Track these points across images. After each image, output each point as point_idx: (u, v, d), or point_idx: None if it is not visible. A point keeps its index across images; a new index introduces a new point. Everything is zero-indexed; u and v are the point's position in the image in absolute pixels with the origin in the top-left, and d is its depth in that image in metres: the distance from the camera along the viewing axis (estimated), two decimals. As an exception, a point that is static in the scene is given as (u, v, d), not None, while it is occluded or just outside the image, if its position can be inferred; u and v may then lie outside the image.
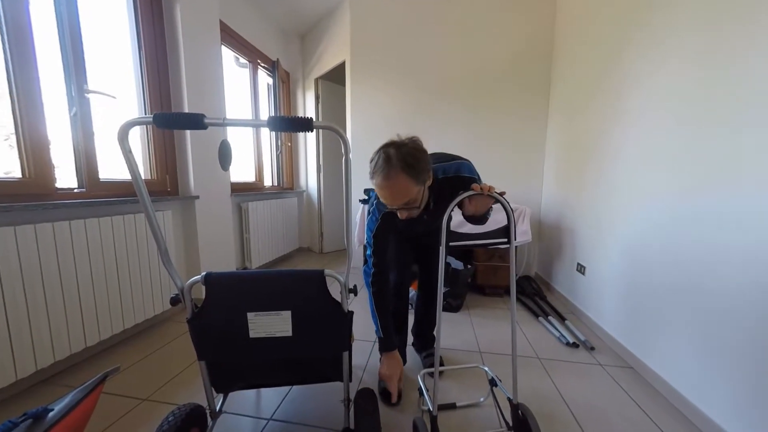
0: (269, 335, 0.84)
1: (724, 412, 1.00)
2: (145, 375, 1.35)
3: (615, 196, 1.64)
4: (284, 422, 1.10)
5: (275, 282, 0.80)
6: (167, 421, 0.82)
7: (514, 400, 1.00)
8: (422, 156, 0.88)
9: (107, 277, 1.43)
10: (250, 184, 2.78)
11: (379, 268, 1.13)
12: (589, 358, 1.52)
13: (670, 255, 1.25)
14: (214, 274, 0.77)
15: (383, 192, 0.91)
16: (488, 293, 2.33)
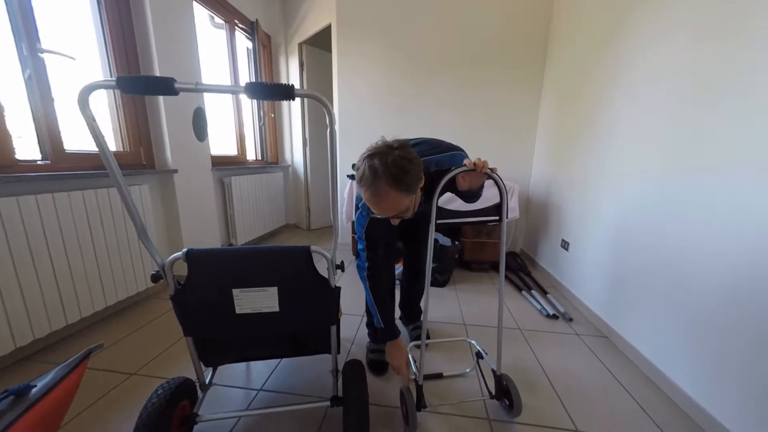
0: (256, 311, 0.84)
1: (690, 379, 1.10)
2: (132, 350, 1.36)
3: (603, 175, 1.67)
4: (274, 392, 1.15)
5: (260, 258, 0.79)
6: (156, 395, 0.84)
7: (497, 371, 1.06)
8: (411, 166, 0.78)
9: (83, 253, 1.38)
10: (231, 158, 2.68)
11: (373, 262, 1.11)
12: (567, 329, 1.62)
13: (652, 236, 1.30)
14: (196, 250, 0.76)
15: (372, 206, 0.85)
16: (474, 269, 2.40)
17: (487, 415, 1.06)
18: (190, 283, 0.78)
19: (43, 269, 1.25)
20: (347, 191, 2.34)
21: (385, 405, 1.09)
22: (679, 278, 1.16)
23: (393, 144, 0.81)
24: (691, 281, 1.10)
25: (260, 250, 0.79)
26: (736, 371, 0.94)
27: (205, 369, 1.07)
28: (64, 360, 0.81)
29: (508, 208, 2.24)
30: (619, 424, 1.04)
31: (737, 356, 0.94)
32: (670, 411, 1.10)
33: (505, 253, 2.53)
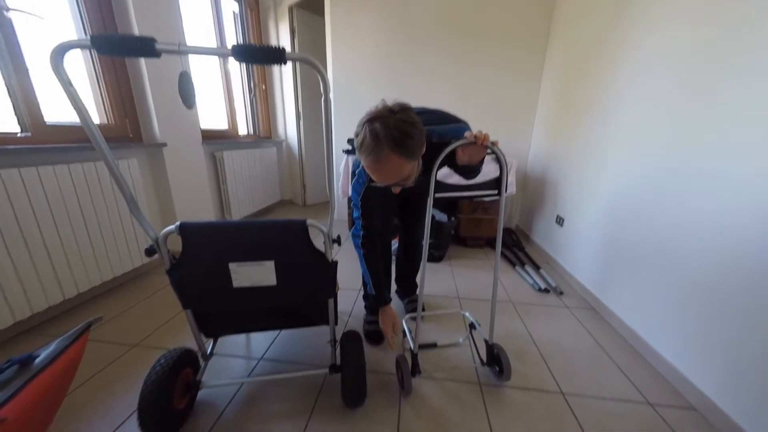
0: (253, 285, 0.85)
1: (672, 348, 1.16)
2: (134, 323, 1.39)
3: (602, 153, 1.65)
4: (274, 361, 1.19)
5: (256, 232, 0.78)
6: (159, 363, 0.87)
7: (490, 341, 1.11)
8: (414, 130, 0.76)
9: (74, 228, 1.37)
10: (222, 132, 2.59)
11: (368, 230, 1.11)
12: (558, 302, 1.67)
13: (646, 213, 1.32)
14: (190, 223, 0.75)
15: (373, 173, 0.83)
16: (470, 245, 2.44)
17: (478, 380, 1.12)
18: (185, 257, 0.78)
19: (35, 244, 1.23)
20: (343, 166, 2.30)
21: (381, 372, 1.14)
22: (669, 254, 1.18)
23: (394, 107, 0.77)
24: (682, 257, 1.13)
25: (256, 224, 0.79)
26: (720, 343, 0.99)
27: (206, 340, 1.10)
28: (65, 333, 0.82)
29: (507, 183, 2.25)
30: (600, 387, 1.10)
31: (723, 330, 0.98)
32: (649, 375, 1.17)
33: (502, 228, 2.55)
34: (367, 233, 1.12)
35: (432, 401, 1.03)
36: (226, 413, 0.97)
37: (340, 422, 0.94)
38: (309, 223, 0.80)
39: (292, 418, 0.96)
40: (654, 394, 1.08)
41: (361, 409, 0.98)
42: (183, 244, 0.76)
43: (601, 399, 1.06)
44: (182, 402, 0.91)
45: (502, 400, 1.04)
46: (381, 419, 0.96)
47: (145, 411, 0.79)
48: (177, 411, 0.88)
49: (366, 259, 1.13)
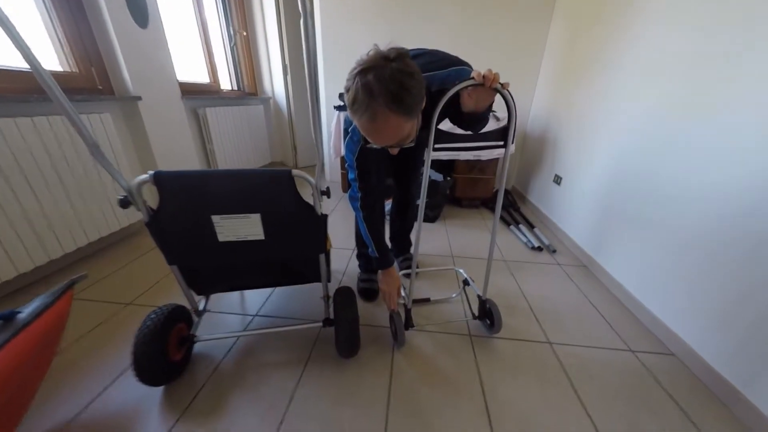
0: (240, 239, 0.82)
1: (661, 303, 1.18)
2: (126, 283, 1.38)
3: (607, 112, 1.57)
4: (269, 317, 1.21)
5: (238, 182, 0.73)
6: (150, 318, 0.86)
7: (483, 296, 1.12)
8: (413, 82, 0.65)
9: (50, 188, 1.29)
10: (203, 86, 2.40)
11: (366, 191, 1.03)
12: (550, 260, 1.70)
13: (647, 170, 1.28)
14: (165, 172, 0.69)
15: (368, 135, 0.73)
16: (465, 205, 2.41)
17: (468, 332, 1.15)
18: (163, 209, 0.73)
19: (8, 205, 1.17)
20: (334, 124, 2.18)
21: (375, 326, 1.17)
22: (667, 212, 1.17)
23: (389, 54, 0.65)
24: (680, 216, 1.11)
25: (238, 174, 0.73)
26: (701, 296, 1.02)
27: (200, 297, 1.09)
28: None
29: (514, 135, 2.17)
30: (586, 337, 1.15)
31: (705, 284, 1.01)
32: (633, 327, 1.21)
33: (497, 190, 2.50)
34: (365, 195, 1.03)
35: (424, 351, 1.06)
36: (224, 364, 0.99)
37: (334, 371, 0.97)
38: (295, 173, 0.75)
39: (288, 367, 0.99)
40: (636, 343, 1.13)
41: (354, 359, 1.01)
42: (159, 194, 0.71)
43: (586, 347, 1.10)
44: (178, 354, 0.92)
45: (491, 350, 1.08)
46: (374, 368, 0.99)
47: (139, 361, 0.80)
48: (173, 362, 0.89)
49: (367, 221, 1.06)
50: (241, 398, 0.89)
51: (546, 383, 0.96)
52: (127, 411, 0.84)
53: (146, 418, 0.83)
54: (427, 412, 0.86)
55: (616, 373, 1.01)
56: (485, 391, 0.93)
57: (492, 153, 2.11)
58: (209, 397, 0.89)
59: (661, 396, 0.93)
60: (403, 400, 0.89)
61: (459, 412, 0.86)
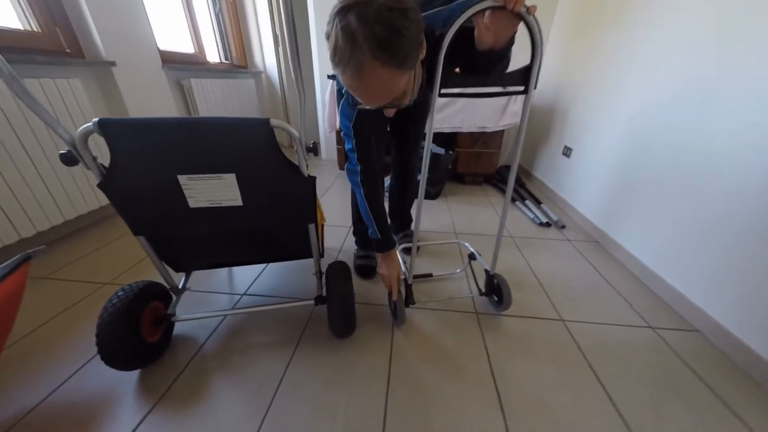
0: (214, 204, 0.71)
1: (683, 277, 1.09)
2: (106, 262, 1.28)
3: (625, 75, 1.42)
4: (259, 296, 1.11)
5: (205, 134, 0.61)
6: (117, 296, 0.76)
7: (491, 270, 1.02)
8: (406, 22, 0.51)
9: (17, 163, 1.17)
10: (187, 56, 2.23)
11: (366, 163, 0.89)
12: (559, 235, 1.59)
13: (670, 138, 1.16)
14: (113, 120, 0.57)
15: (355, 92, 0.60)
16: (468, 182, 2.29)
17: (474, 310, 1.06)
18: (117, 166, 0.61)
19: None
20: (328, 94, 2.02)
21: (372, 304, 1.08)
22: (695, 183, 1.05)
23: None
24: (705, 187, 1.01)
25: (204, 122, 0.61)
26: (728, 269, 0.92)
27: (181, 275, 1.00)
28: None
29: (509, 112, 2.03)
30: (601, 314, 1.06)
31: (734, 257, 0.91)
32: (652, 303, 1.12)
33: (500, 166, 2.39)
34: (366, 167, 0.89)
35: (426, 330, 0.97)
36: (207, 346, 0.90)
37: (328, 352, 0.89)
38: (274, 123, 0.63)
39: (278, 348, 0.90)
40: (656, 319, 1.04)
41: (350, 339, 0.93)
42: (110, 147, 0.59)
43: (601, 325, 1.02)
44: (155, 335, 0.83)
45: (499, 327, 0.99)
46: (372, 348, 0.90)
47: (104, 343, 0.71)
48: (149, 344, 0.80)
49: (368, 198, 0.92)
50: (225, 381, 0.80)
51: (560, 362, 0.87)
52: (97, 398, 0.76)
53: (118, 405, 0.74)
54: (430, 393, 0.78)
55: (636, 350, 0.92)
56: (494, 371, 0.84)
57: (499, 123, 1.97)
58: (190, 381, 0.80)
59: (686, 374, 0.85)
60: (405, 380, 0.81)
61: (466, 394, 0.78)
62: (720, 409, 0.76)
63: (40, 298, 1.07)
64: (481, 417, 0.73)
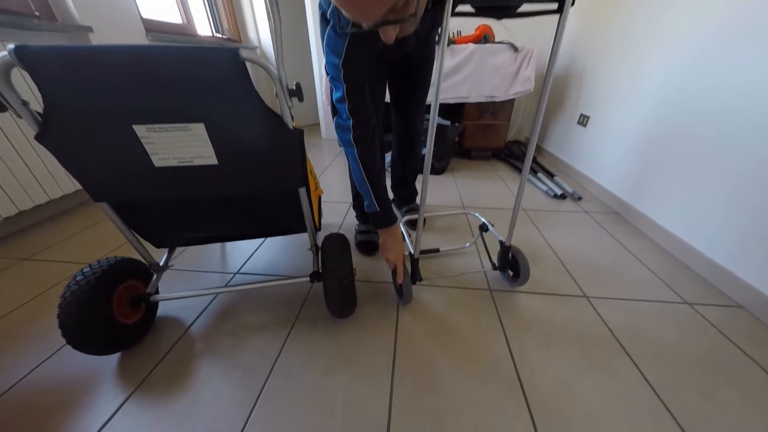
0: (184, 163, 0.58)
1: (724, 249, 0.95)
2: (92, 242, 1.18)
3: (655, 29, 1.22)
4: (253, 274, 1.00)
5: (157, 67, 0.47)
6: (81, 273, 0.65)
7: (507, 242, 0.89)
8: None
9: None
10: (175, 27, 2.05)
11: (360, 116, 0.73)
12: (576, 208, 1.45)
13: (703, 96, 0.99)
14: (34, 47, 0.43)
15: (342, 2, 0.47)
16: (475, 157, 2.13)
17: (488, 286, 0.94)
18: (52, 112, 0.48)
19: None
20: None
21: (375, 281, 0.96)
22: (734, 147, 0.89)
23: None
24: (752, 150, 0.84)
25: (150, 51, 0.46)
26: None
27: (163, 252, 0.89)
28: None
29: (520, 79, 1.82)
30: (629, 290, 0.93)
31: None
32: (686, 277, 0.99)
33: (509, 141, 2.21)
34: (359, 122, 0.73)
35: (435, 310, 0.86)
36: (195, 327, 0.80)
37: (327, 333, 0.78)
38: (245, 54, 0.49)
39: (272, 330, 0.79)
40: (692, 295, 0.91)
41: (351, 319, 0.82)
42: (39, 87, 0.46)
43: (630, 301, 0.89)
44: (133, 316, 0.73)
45: (515, 305, 0.87)
46: (375, 329, 0.79)
47: (67, 328, 0.60)
48: (125, 325, 0.70)
49: (362, 160, 0.76)
50: (213, 366, 0.70)
51: (587, 343, 0.76)
52: (71, 384, 0.66)
53: (94, 391, 0.65)
54: (442, 378, 0.67)
55: (673, 329, 0.80)
56: (513, 353, 0.73)
57: (509, 91, 1.79)
58: (174, 366, 0.70)
59: (735, 354, 0.73)
60: (412, 365, 0.70)
61: (483, 378, 0.67)
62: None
63: (20, 279, 0.98)
64: (501, 404, 0.62)
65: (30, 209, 1.21)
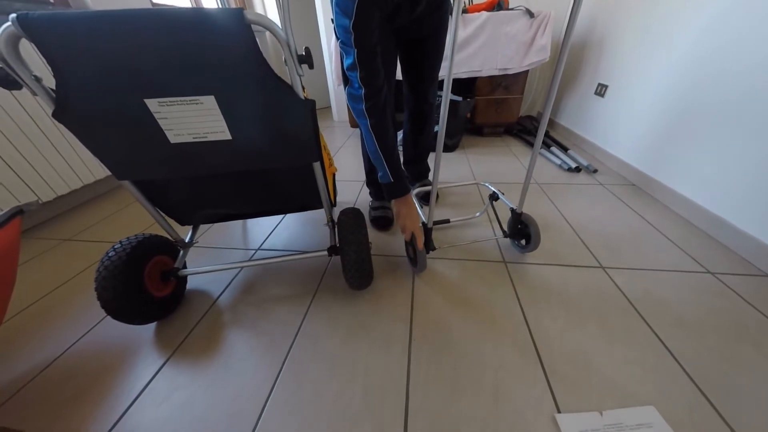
0: (199, 139, 0.55)
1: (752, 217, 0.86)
2: (127, 222, 1.20)
3: None
4: (273, 250, 1.00)
5: (157, 33, 0.43)
6: (113, 249, 0.65)
7: (518, 209, 0.84)
8: None
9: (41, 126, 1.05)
10: (186, 11, 1.96)
11: (372, 86, 0.68)
12: (591, 180, 1.36)
13: (742, 58, 0.85)
14: (37, 15, 0.40)
15: None
16: (486, 133, 2.02)
17: (502, 258, 0.90)
18: (65, 86, 0.45)
19: None
20: (334, 41, 1.74)
21: (390, 255, 0.94)
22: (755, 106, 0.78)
23: None
24: None
25: (148, 15, 0.42)
26: None
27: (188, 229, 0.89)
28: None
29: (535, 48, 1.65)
30: (647, 260, 0.87)
31: None
32: (708, 247, 0.92)
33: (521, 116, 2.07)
34: (371, 92, 0.68)
35: (450, 281, 0.83)
36: (222, 300, 0.81)
37: (346, 304, 0.77)
38: (251, 18, 0.44)
39: (294, 301, 0.79)
40: (716, 264, 0.85)
41: (368, 291, 0.80)
42: (47, 60, 0.42)
43: (648, 271, 0.84)
44: (164, 290, 0.74)
45: (530, 276, 0.83)
46: (392, 299, 0.78)
47: (105, 300, 0.61)
48: (157, 298, 0.71)
49: (375, 131, 0.72)
50: (240, 334, 0.71)
51: (604, 313, 0.72)
52: (115, 350, 0.69)
53: (135, 356, 0.67)
54: (459, 346, 0.65)
55: (695, 297, 0.75)
56: (529, 323, 0.70)
57: (523, 62, 1.65)
58: (205, 334, 0.72)
59: (761, 322, 0.67)
60: (429, 333, 0.69)
61: (499, 347, 0.65)
62: (809, 362, 0.59)
63: (63, 257, 1.01)
64: (519, 371, 0.60)
65: (66, 194, 1.23)
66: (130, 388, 0.61)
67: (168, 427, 0.54)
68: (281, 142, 0.59)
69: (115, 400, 0.59)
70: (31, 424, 0.56)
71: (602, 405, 0.54)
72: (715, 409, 0.53)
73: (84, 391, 0.60)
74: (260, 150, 0.59)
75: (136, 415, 0.56)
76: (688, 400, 0.54)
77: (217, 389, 0.60)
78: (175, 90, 0.48)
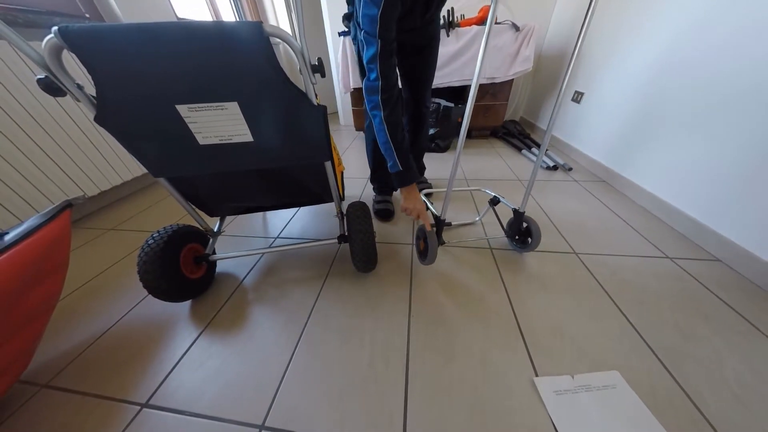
0: (224, 141, 0.54)
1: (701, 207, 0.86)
2: (165, 213, 1.19)
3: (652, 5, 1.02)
4: (290, 238, 1.00)
5: (193, 45, 0.41)
6: (152, 237, 0.65)
7: (521, 208, 0.82)
8: None
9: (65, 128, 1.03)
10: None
11: (387, 80, 0.64)
12: (566, 177, 1.35)
13: (698, 74, 0.82)
14: (76, 27, 0.38)
15: None
16: (475, 135, 1.99)
17: (489, 246, 0.90)
18: (104, 94, 0.44)
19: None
20: (341, 53, 1.69)
21: (392, 242, 0.94)
22: (718, 117, 0.76)
23: None
24: (734, 116, 0.71)
25: (171, 27, 0.40)
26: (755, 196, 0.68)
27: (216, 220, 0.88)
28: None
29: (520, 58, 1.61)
30: (614, 246, 0.87)
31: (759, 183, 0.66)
32: (667, 235, 0.92)
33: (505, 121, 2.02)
34: (387, 85, 0.65)
35: (443, 266, 0.83)
36: (246, 282, 0.81)
37: (353, 285, 0.78)
38: (270, 31, 0.42)
39: (308, 282, 0.79)
40: (673, 250, 0.85)
41: (373, 274, 0.81)
42: (87, 69, 0.41)
43: (615, 256, 0.84)
44: (197, 272, 0.74)
45: (512, 260, 0.83)
46: (394, 281, 0.78)
47: (147, 281, 0.62)
48: (191, 280, 0.71)
49: (388, 121, 0.68)
50: (263, 310, 0.72)
51: (577, 293, 0.72)
52: (156, 323, 0.69)
53: (174, 329, 0.68)
54: (451, 319, 0.66)
55: (655, 280, 0.75)
56: (512, 302, 0.70)
57: (509, 71, 1.61)
58: (232, 311, 0.72)
59: (712, 301, 0.68)
60: (426, 310, 0.69)
61: (486, 322, 0.66)
62: (751, 331, 0.60)
63: (109, 244, 1.01)
64: (503, 342, 0.61)
65: (108, 189, 1.22)
66: (171, 356, 0.62)
67: (204, 387, 0.56)
68: (297, 143, 0.58)
69: (159, 365, 0.60)
70: (91, 382, 0.57)
71: (574, 370, 0.55)
72: (670, 374, 0.54)
73: (133, 357, 0.61)
74: (278, 150, 0.58)
75: (177, 377, 0.58)
76: (647, 366, 0.55)
77: (245, 357, 0.61)
78: (203, 96, 0.47)
